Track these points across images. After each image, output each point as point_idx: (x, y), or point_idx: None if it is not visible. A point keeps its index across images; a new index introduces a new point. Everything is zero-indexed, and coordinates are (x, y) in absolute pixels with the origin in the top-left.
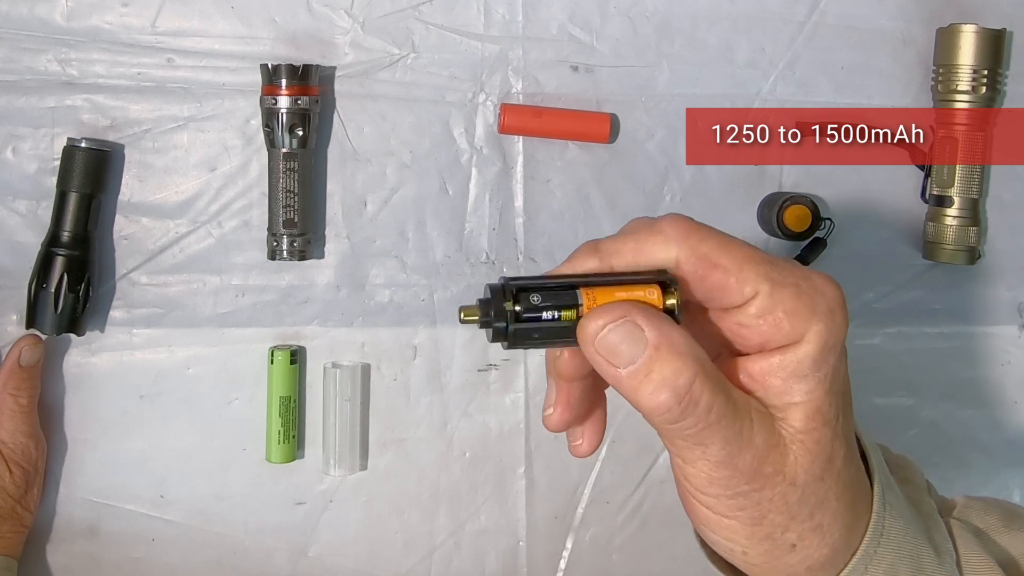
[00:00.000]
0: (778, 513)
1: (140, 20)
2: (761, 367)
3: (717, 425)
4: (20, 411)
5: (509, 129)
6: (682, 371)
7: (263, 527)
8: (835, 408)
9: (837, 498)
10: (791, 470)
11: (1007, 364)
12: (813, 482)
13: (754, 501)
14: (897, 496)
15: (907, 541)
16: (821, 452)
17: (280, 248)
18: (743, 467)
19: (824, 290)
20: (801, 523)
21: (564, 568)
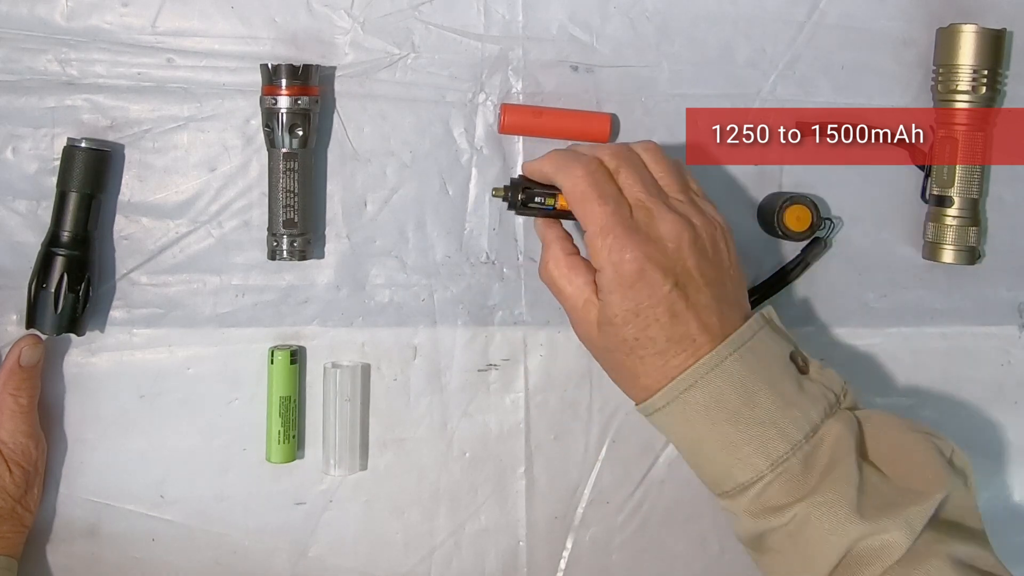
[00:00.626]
0: (617, 351)
1: (140, 20)
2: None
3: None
4: (20, 411)
5: (509, 129)
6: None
7: (263, 527)
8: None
9: (649, 347)
10: (601, 317)
11: (1007, 364)
12: (616, 332)
13: (603, 336)
14: (753, 360)
15: (745, 380)
16: (616, 322)
17: (280, 248)
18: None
19: (623, 254)
20: (629, 355)
21: (564, 568)
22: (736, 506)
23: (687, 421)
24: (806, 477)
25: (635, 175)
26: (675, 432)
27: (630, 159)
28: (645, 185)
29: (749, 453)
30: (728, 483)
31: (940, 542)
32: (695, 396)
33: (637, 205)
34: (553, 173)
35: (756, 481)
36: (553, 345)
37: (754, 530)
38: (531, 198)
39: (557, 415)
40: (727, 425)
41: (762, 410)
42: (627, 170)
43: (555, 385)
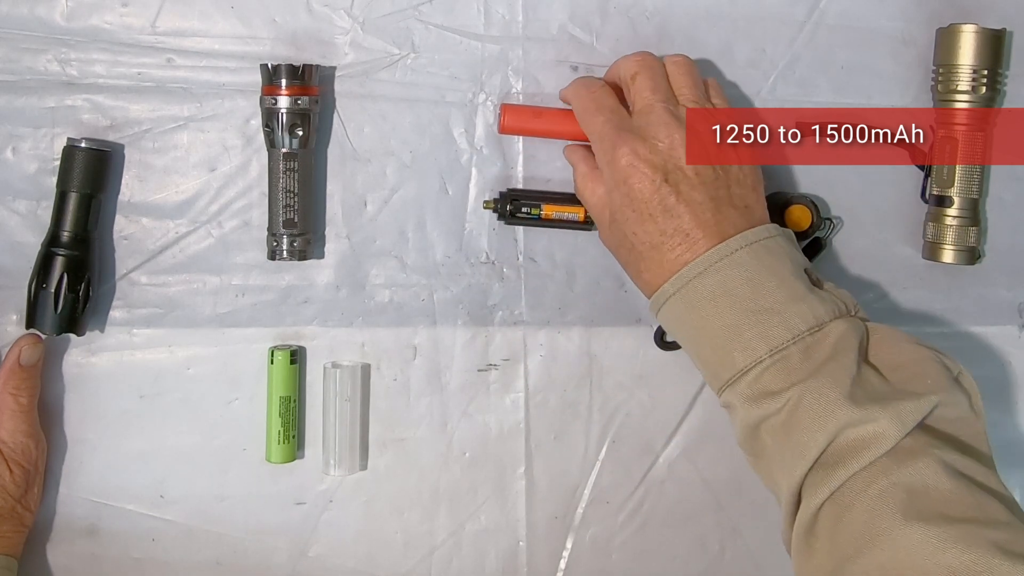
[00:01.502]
0: (620, 234)
1: (140, 20)
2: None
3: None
4: (20, 410)
5: (509, 129)
6: (582, 160)
7: (263, 527)
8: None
9: (664, 233)
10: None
11: (1007, 364)
12: (621, 218)
13: (608, 217)
14: (771, 258)
15: (755, 272)
16: (615, 205)
17: (280, 248)
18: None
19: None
20: (637, 250)
21: (564, 568)
22: (734, 395)
23: (693, 308)
24: (803, 365)
25: (649, 80)
26: (681, 321)
27: (650, 66)
28: (655, 90)
29: (751, 338)
30: (728, 370)
31: (934, 446)
32: (703, 283)
33: (642, 109)
34: (568, 96)
35: (754, 365)
36: (553, 345)
37: (750, 421)
38: (519, 208)
39: (557, 415)
40: (731, 312)
41: (769, 300)
42: (643, 75)
43: (555, 385)
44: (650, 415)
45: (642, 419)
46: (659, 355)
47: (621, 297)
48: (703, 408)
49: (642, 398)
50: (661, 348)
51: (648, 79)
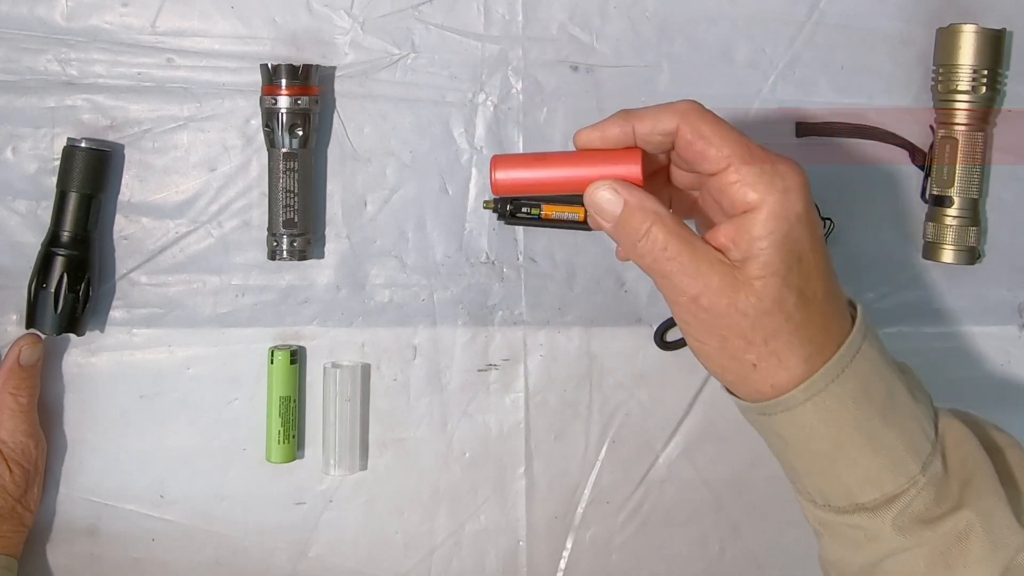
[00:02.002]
0: (736, 337)
1: (140, 20)
2: (729, 229)
3: (674, 261)
4: (20, 410)
5: (504, 186)
6: (643, 220)
7: (263, 527)
8: (784, 265)
9: (790, 333)
10: (742, 304)
11: (1007, 364)
12: (762, 316)
13: (716, 327)
14: (880, 348)
15: (881, 369)
16: (767, 294)
17: (280, 248)
18: (701, 299)
19: (785, 173)
20: (757, 348)
21: (564, 568)
22: (877, 522)
23: (830, 418)
24: (947, 481)
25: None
26: (809, 435)
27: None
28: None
29: (902, 453)
30: (872, 492)
31: None
32: (844, 386)
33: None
34: (655, 112)
35: (909, 487)
36: (553, 345)
37: (889, 551)
38: (519, 208)
39: (557, 415)
40: (877, 420)
41: (902, 400)
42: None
43: (555, 385)
44: (650, 415)
45: (642, 419)
46: (659, 355)
47: (621, 297)
48: (703, 408)
49: (642, 398)
50: (661, 348)
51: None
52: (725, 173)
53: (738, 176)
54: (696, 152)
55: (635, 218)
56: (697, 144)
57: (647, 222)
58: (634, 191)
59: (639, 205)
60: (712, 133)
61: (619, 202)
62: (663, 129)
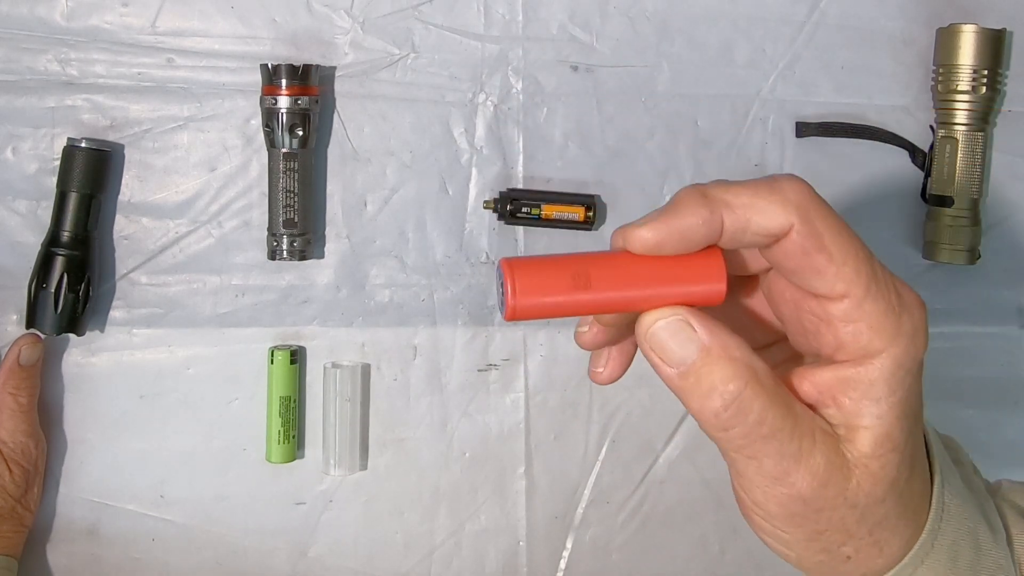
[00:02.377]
0: (836, 532)
1: (140, 20)
2: (831, 381)
3: (772, 439)
4: (20, 410)
5: (526, 314)
6: (732, 378)
7: (263, 527)
8: (905, 432)
9: (898, 516)
10: (852, 493)
11: (1007, 364)
12: (874, 504)
13: (812, 520)
14: (954, 476)
15: (966, 519)
16: (885, 477)
17: (280, 248)
18: (801, 487)
19: (913, 308)
20: (859, 540)
21: (564, 568)
22: None
23: None
24: None
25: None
26: None
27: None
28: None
29: None
30: None
31: None
32: (937, 555)
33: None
34: (754, 200)
35: None
36: (553, 345)
37: None
38: (519, 208)
39: (557, 415)
40: None
41: (986, 547)
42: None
43: (555, 385)
44: (650, 415)
45: (642, 419)
46: None
47: None
48: None
49: (642, 398)
50: None
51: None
52: (839, 303)
53: (860, 314)
54: (808, 268)
55: (719, 372)
56: (815, 259)
57: (739, 381)
58: (718, 330)
59: (725, 353)
60: (835, 244)
61: (695, 344)
62: (767, 228)
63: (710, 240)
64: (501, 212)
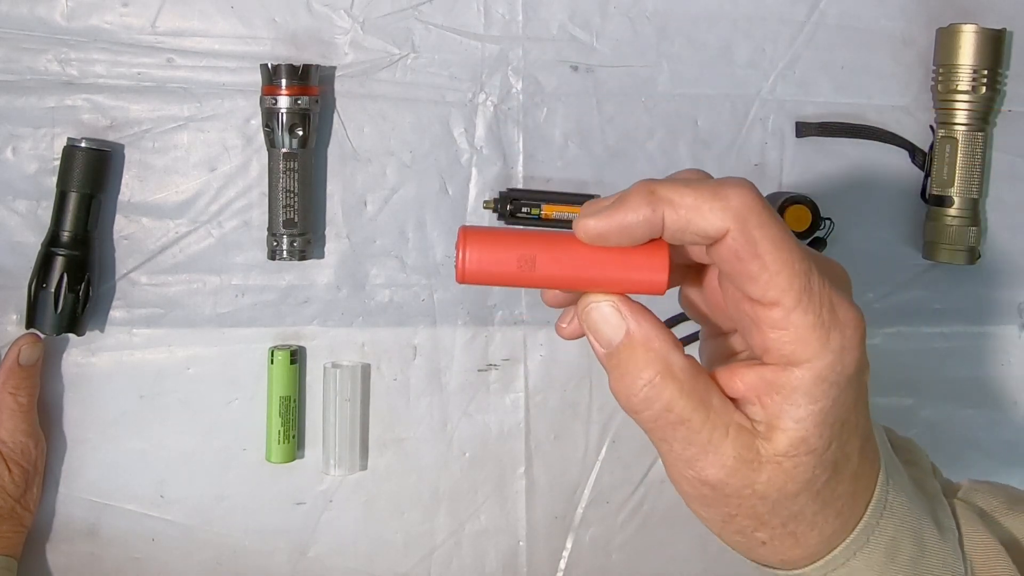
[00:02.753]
0: (746, 518)
1: (140, 20)
2: (756, 381)
3: (680, 426)
4: (19, 410)
5: (474, 275)
6: (646, 366)
7: (263, 527)
8: (825, 439)
9: (814, 513)
10: (762, 487)
11: (1007, 364)
12: (786, 499)
13: (721, 503)
14: (901, 475)
15: (910, 517)
16: (799, 476)
17: (280, 248)
18: (707, 474)
19: (845, 326)
20: (771, 529)
21: (564, 568)
22: None
23: None
24: None
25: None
26: None
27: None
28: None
29: None
30: None
31: None
32: (868, 558)
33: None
34: (697, 202)
35: None
36: (553, 345)
37: None
38: (519, 208)
39: (557, 415)
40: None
41: (931, 548)
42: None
43: (555, 385)
44: None
45: None
46: None
47: None
48: None
49: None
50: None
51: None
52: (770, 309)
53: (787, 324)
54: (742, 273)
55: (637, 358)
56: (749, 265)
57: (651, 370)
58: (643, 319)
59: (644, 343)
60: (770, 253)
61: (620, 329)
62: (705, 230)
63: (652, 236)
64: (501, 212)
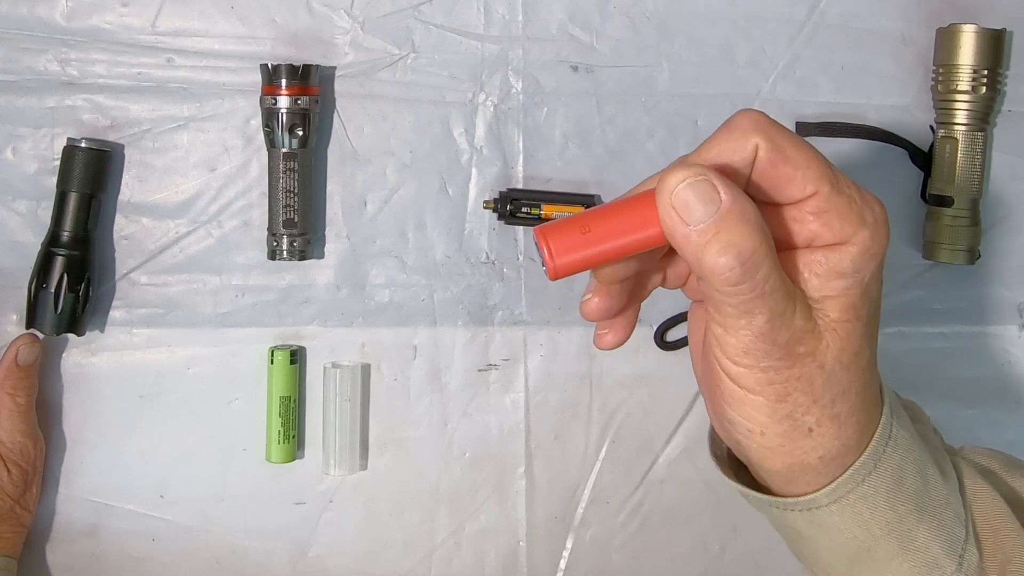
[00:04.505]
0: (802, 393)
1: (140, 20)
2: (806, 261)
3: (769, 296)
4: (18, 410)
5: (566, 271)
6: (748, 236)
7: (263, 527)
8: (867, 309)
9: (857, 393)
10: (821, 354)
11: (1007, 364)
12: (839, 369)
13: (783, 377)
14: (904, 418)
15: (912, 450)
16: (851, 343)
17: (280, 248)
18: (780, 342)
19: (873, 205)
20: (822, 408)
21: (564, 568)
22: None
23: (858, 520)
24: (984, 569)
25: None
26: (832, 536)
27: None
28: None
29: (936, 552)
30: None
31: None
32: (877, 482)
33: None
34: (719, 144)
35: None
36: (553, 345)
37: None
38: (519, 208)
39: (557, 415)
40: (910, 519)
41: (934, 483)
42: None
43: (555, 385)
44: (650, 415)
45: (642, 419)
46: (659, 355)
47: None
48: (703, 408)
49: (642, 398)
50: (661, 348)
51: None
52: (810, 201)
53: (828, 205)
54: (780, 176)
55: (740, 229)
56: (783, 168)
57: (755, 238)
58: (737, 193)
59: (743, 213)
60: (797, 152)
61: (715, 204)
62: (740, 157)
63: None
64: (501, 212)
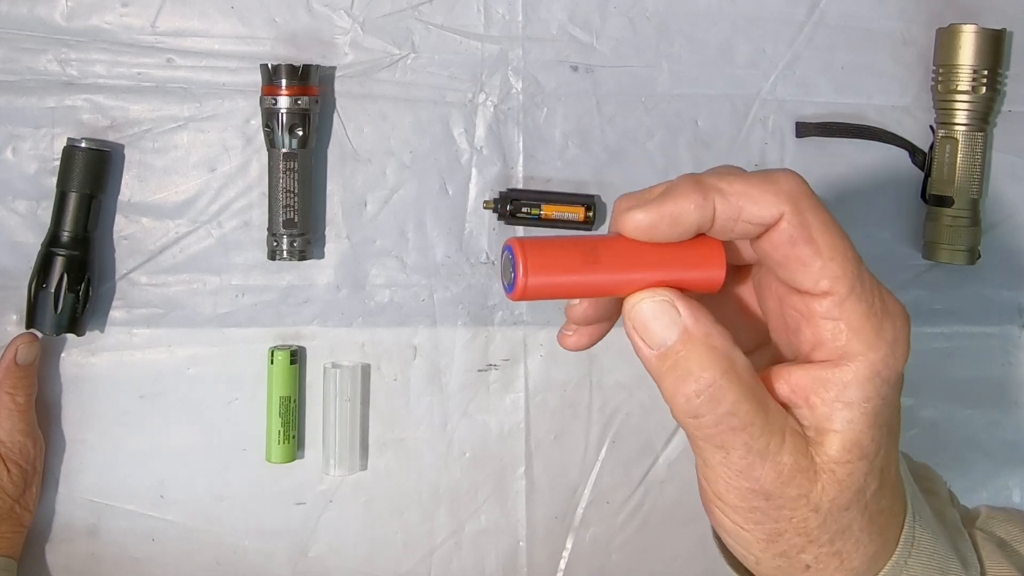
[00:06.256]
0: (796, 535)
1: (140, 20)
2: (805, 380)
3: (741, 432)
4: (17, 410)
5: (534, 293)
6: (709, 366)
7: (263, 527)
8: (876, 443)
9: (861, 528)
10: (816, 497)
11: (1007, 364)
12: (837, 511)
13: (772, 518)
14: (924, 508)
15: (936, 554)
16: (851, 484)
17: (280, 248)
18: (764, 483)
19: (896, 316)
20: (819, 547)
21: (564, 568)
22: None
23: None
24: None
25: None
26: None
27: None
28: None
29: None
30: None
31: None
32: None
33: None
34: (747, 188)
35: None
36: (553, 345)
37: None
38: (519, 208)
39: (557, 415)
40: None
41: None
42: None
43: (555, 385)
44: (650, 415)
45: (642, 419)
46: None
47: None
48: None
49: (642, 398)
50: None
51: None
52: (822, 299)
53: (841, 312)
54: (795, 256)
55: (698, 358)
56: (802, 248)
57: (715, 369)
58: (702, 316)
59: (705, 340)
60: (823, 237)
61: (677, 327)
62: (760, 216)
63: (702, 225)
64: (501, 212)
